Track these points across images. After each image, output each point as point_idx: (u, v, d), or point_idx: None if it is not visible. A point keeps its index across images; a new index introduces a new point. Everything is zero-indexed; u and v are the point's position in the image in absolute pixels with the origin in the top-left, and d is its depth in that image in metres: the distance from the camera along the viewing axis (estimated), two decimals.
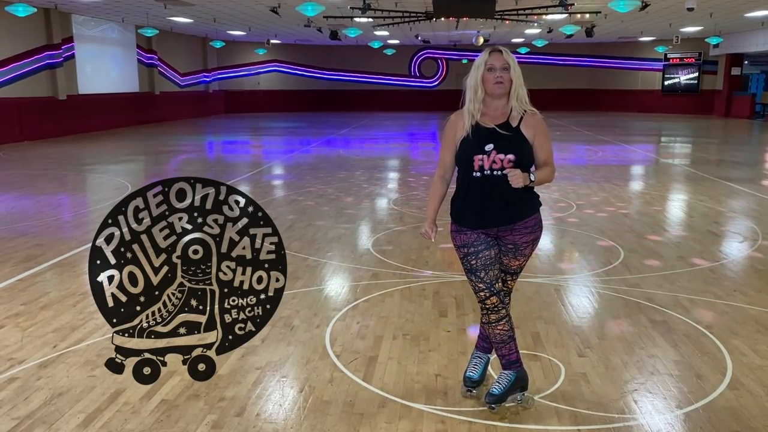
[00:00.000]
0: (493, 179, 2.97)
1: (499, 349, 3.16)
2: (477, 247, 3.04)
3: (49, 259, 5.91)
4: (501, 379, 3.17)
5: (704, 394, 3.33)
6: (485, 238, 3.05)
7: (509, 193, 2.98)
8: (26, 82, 18.04)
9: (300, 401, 3.28)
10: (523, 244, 3.07)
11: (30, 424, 3.06)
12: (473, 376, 3.32)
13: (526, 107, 3.04)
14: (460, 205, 3.08)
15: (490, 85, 2.98)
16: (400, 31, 24.72)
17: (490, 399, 3.14)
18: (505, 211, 3.01)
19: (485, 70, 2.98)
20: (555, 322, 4.35)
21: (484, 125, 3.01)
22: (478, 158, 2.98)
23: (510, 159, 2.96)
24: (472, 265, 3.05)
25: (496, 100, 3.02)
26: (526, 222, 3.05)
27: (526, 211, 3.06)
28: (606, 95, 33.34)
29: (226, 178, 10.78)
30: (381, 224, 7.38)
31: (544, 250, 6.24)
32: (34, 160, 13.65)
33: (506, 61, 2.97)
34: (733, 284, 5.20)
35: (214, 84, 31.41)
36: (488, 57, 2.99)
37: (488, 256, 3.04)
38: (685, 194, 9.63)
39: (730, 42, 26.21)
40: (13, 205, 8.65)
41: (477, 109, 3.02)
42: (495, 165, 2.97)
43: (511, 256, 3.10)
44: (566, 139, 18.43)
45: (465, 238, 3.06)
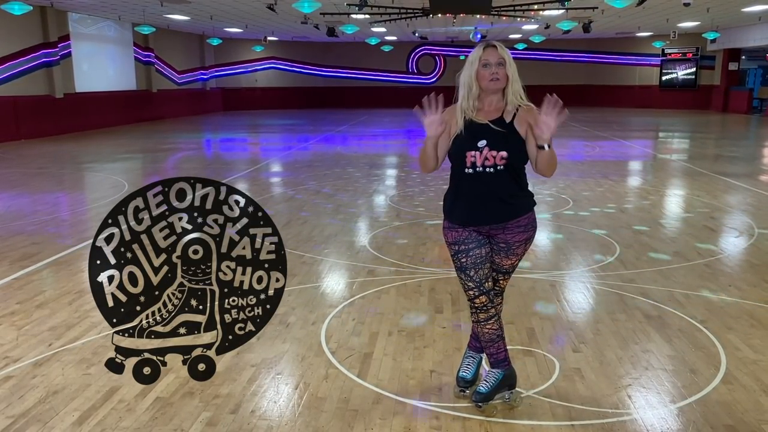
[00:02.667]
0: (486, 176, 2.93)
1: (487, 348, 3.13)
2: (468, 245, 3.01)
3: (45, 257, 5.91)
4: (488, 377, 3.16)
5: (698, 389, 3.34)
6: (477, 236, 3.02)
7: (502, 190, 2.94)
8: (23, 80, 18.00)
9: (295, 398, 3.29)
10: (515, 244, 3.02)
11: (25, 422, 3.06)
12: (466, 375, 3.30)
13: (521, 102, 2.99)
14: (452, 202, 3.05)
15: (485, 81, 2.92)
16: (397, 28, 24.69)
17: (477, 397, 3.12)
18: (497, 209, 2.96)
19: (480, 66, 2.93)
20: (550, 317, 4.36)
21: (477, 121, 2.97)
22: (471, 155, 2.94)
23: (503, 156, 2.91)
24: (462, 263, 3.03)
25: (491, 96, 2.98)
26: (519, 221, 3.00)
27: (520, 209, 3.00)
28: (603, 91, 33.31)
29: (224, 176, 10.78)
30: (378, 221, 7.39)
31: (540, 245, 6.25)
32: (31, 158, 13.64)
33: (501, 57, 2.92)
34: (728, 279, 5.21)
35: (211, 81, 31.37)
36: (482, 53, 2.93)
37: (479, 254, 3.01)
38: (682, 189, 9.64)
39: (728, 37, 26.21)
40: (10, 203, 8.65)
41: (472, 106, 2.98)
42: (488, 162, 2.93)
43: (503, 255, 3.05)
44: (563, 135, 18.43)
45: (456, 235, 3.03)
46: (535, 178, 3.78)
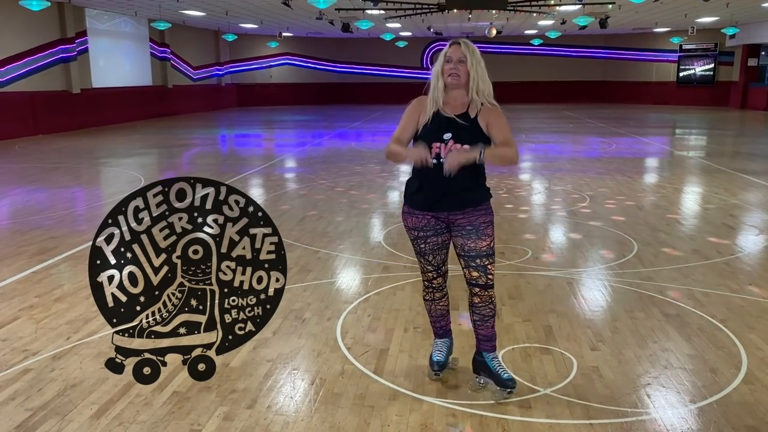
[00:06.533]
0: None
1: (437, 321, 3.42)
2: (426, 232, 3.18)
3: (62, 251, 5.95)
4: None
5: (718, 389, 3.30)
6: (435, 224, 3.16)
7: (463, 181, 3.04)
8: (40, 76, 18.17)
9: (311, 394, 3.28)
10: (481, 225, 3.12)
11: (43, 415, 3.08)
12: (509, 375, 3.28)
13: (485, 100, 3.09)
14: (415, 189, 3.18)
15: (445, 76, 3.07)
16: (412, 23, 24.63)
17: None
18: (457, 198, 3.09)
19: (444, 61, 3.09)
20: (567, 315, 4.32)
21: (444, 114, 3.10)
22: (436, 146, 3.05)
23: (466, 149, 3.01)
24: (421, 248, 3.22)
25: (454, 90, 3.10)
26: (478, 207, 3.12)
27: (478, 198, 3.13)
28: (620, 87, 33.04)
29: (238, 171, 10.82)
30: (393, 217, 7.37)
31: (557, 243, 6.20)
32: (49, 153, 13.76)
33: (463, 54, 3.05)
34: (748, 277, 5.14)
35: (226, 77, 31.48)
36: (448, 49, 3.09)
37: (436, 242, 3.19)
38: (700, 186, 9.53)
39: (747, 32, 25.87)
40: (28, 198, 8.73)
41: (439, 97, 3.10)
42: None
43: (475, 237, 3.12)
44: (580, 131, 18.31)
45: (416, 221, 3.19)
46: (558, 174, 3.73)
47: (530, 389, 3.29)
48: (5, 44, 16.80)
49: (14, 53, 17.15)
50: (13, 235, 6.61)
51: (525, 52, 33.10)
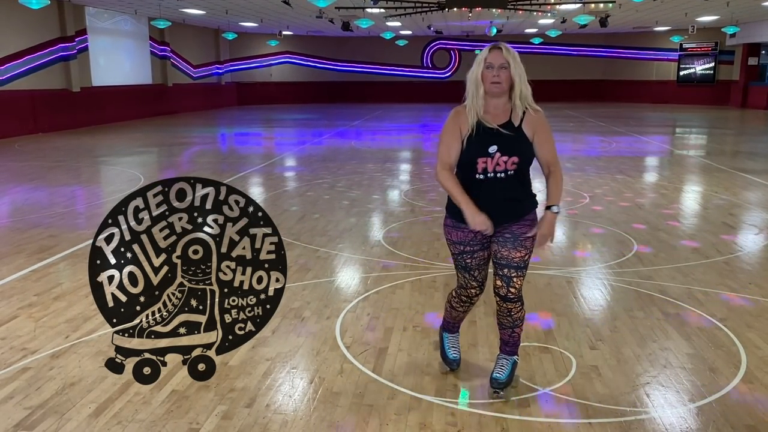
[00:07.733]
0: (497, 181, 2.94)
1: (455, 321, 3.41)
2: (473, 246, 3.07)
3: (62, 250, 5.95)
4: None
5: (718, 388, 3.29)
6: (481, 238, 3.06)
7: (511, 193, 2.97)
8: (40, 74, 18.16)
9: (310, 392, 3.28)
10: (522, 235, 3.01)
11: (42, 413, 3.08)
12: (500, 377, 3.22)
13: (528, 105, 2.96)
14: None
15: (487, 83, 2.91)
16: (412, 22, 24.61)
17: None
18: (506, 210, 2.99)
19: (484, 68, 2.91)
20: (566, 314, 4.32)
21: (486, 125, 2.94)
22: (482, 161, 2.92)
23: (514, 161, 2.92)
24: (467, 263, 3.11)
25: (496, 98, 2.94)
26: (525, 218, 3.03)
27: (527, 209, 3.05)
28: (620, 86, 33.03)
29: (238, 170, 10.81)
30: (392, 216, 7.36)
31: (557, 241, 6.20)
32: (48, 151, 13.76)
33: (505, 60, 2.87)
34: (748, 277, 5.13)
35: (226, 76, 31.47)
36: (488, 54, 2.91)
37: (482, 256, 3.10)
38: (700, 185, 9.53)
39: (748, 31, 25.85)
40: (27, 196, 8.72)
41: (480, 105, 2.94)
42: (498, 167, 2.92)
43: (510, 246, 3.01)
44: (580, 130, 18.29)
45: (462, 235, 3.06)
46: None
47: (529, 388, 3.29)
48: (5, 42, 16.79)
49: (14, 51, 17.13)
50: (12, 234, 6.61)
51: (525, 51, 33.10)
